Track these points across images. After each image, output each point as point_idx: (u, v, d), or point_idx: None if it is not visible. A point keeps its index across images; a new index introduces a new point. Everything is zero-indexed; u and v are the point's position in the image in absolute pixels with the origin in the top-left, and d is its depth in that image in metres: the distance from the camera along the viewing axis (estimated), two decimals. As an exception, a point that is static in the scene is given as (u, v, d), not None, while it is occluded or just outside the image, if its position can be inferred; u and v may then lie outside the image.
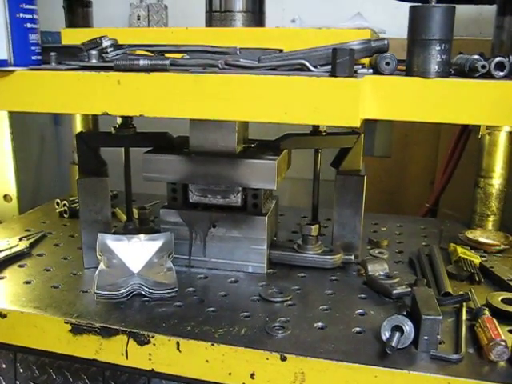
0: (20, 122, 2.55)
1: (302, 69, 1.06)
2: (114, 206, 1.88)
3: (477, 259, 1.49)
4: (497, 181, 1.72)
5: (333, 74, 0.98)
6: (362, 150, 1.51)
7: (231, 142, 1.43)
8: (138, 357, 1.18)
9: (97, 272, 1.35)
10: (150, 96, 1.06)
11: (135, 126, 1.51)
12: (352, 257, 1.48)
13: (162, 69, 1.07)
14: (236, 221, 1.43)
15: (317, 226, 1.46)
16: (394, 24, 1.33)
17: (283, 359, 1.09)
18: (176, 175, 1.41)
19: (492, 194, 1.73)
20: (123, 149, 1.55)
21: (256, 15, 1.46)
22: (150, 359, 1.18)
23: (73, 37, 1.42)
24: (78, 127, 1.93)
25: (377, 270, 1.39)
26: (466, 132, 2.08)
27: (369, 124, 2.54)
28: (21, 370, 1.32)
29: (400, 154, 2.52)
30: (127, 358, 1.19)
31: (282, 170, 1.44)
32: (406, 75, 1.02)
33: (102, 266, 1.37)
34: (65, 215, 1.87)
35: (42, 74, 1.12)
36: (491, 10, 1.59)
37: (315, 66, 1.06)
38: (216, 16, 1.45)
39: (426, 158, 2.46)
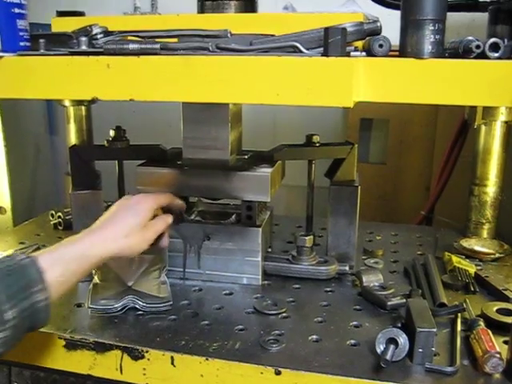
0: (15, 132, 2.55)
1: (294, 51, 1.05)
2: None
3: (472, 268, 1.48)
4: (491, 189, 1.71)
5: (325, 53, 0.97)
6: (356, 160, 1.50)
7: (224, 153, 1.43)
8: (133, 372, 1.17)
9: (90, 286, 1.34)
10: (140, 79, 1.06)
11: (128, 139, 1.51)
12: (347, 267, 1.47)
13: (153, 53, 1.06)
14: (230, 233, 1.43)
15: (311, 237, 1.46)
16: (387, 31, 1.33)
17: (278, 373, 1.08)
18: (169, 188, 1.40)
19: (487, 202, 1.72)
20: (116, 161, 1.55)
21: (248, 3, 1.44)
22: (144, 374, 1.17)
23: (63, 25, 1.40)
24: (72, 139, 1.92)
25: (371, 280, 1.39)
26: (461, 138, 2.08)
27: (364, 130, 2.54)
28: (15, 385, 1.32)
29: (395, 161, 2.52)
30: (122, 373, 1.18)
31: (276, 181, 1.44)
32: (400, 56, 1.01)
33: (95, 279, 1.36)
34: (59, 227, 1.86)
35: (31, 59, 1.12)
36: (483, 16, 1.60)
37: (307, 49, 1.05)
38: (208, 5, 1.43)
39: (422, 165, 2.46)
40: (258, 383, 1.10)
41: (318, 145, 1.50)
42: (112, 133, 1.50)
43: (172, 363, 1.14)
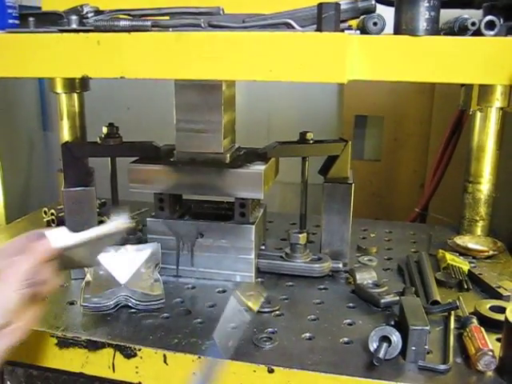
0: (8, 128, 2.54)
1: (288, 28, 1.05)
2: (102, 214, 1.86)
3: (465, 266, 1.48)
4: (485, 186, 1.71)
5: (318, 29, 0.96)
6: (350, 157, 1.50)
7: (218, 150, 1.42)
8: (125, 370, 1.17)
9: (83, 284, 1.33)
10: (131, 56, 1.05)
11: (121, 136, 1.50)
12: (340, 265, 1.47)
13: (144, 29, 1.05)
14: (223, 230, 1.42)
15: (305, 234, 1.46)
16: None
17: (271, 371, 1.08)
18: (162, 186, 1.40)
19: (480, 200, 1.72)
20: (109, 158, 1.54)
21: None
22: (137, 372, 1.16)
23: (53, 5, 1.37)
24: (65, 136, 1.91)
25: (365, 278, 1.38)
26: (456, 135, 2.08)
27: (358, 127, 2.54)
28: (8, 383, 1.31)
29: (390, 158, 2.52)
30: (114, 371, 1.18)
31: (270, 178, 1.43)
32: (394, 34, 1.00)
33: (88, 277, 1.35)
34: (52, 224, 1.85)
35: (20, 36, 1.10)
36: (478, 14, 1.59)
37: (301, 27, 1.04)
38: None
39: (416, 162, 2.46)
40: (250, 381, 1.09)
41: (311, 142, 1.49)
42: (105, 130, 1.49)
43: (165, 361, 1.14)
